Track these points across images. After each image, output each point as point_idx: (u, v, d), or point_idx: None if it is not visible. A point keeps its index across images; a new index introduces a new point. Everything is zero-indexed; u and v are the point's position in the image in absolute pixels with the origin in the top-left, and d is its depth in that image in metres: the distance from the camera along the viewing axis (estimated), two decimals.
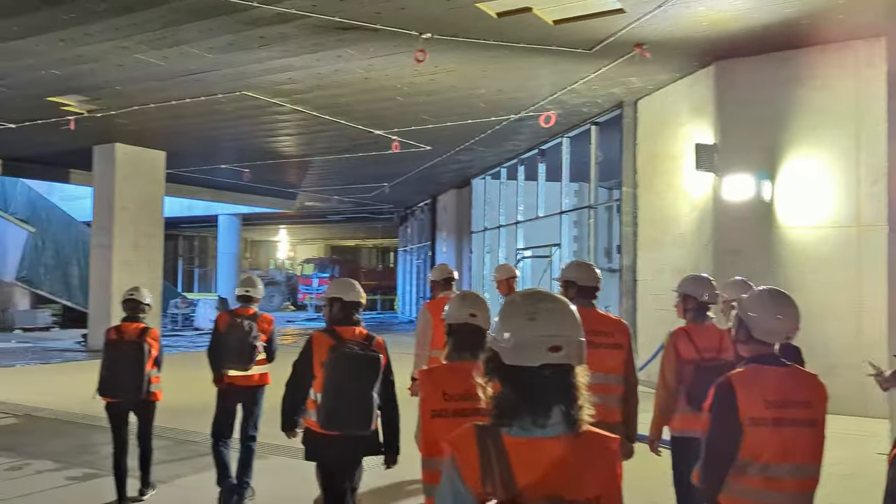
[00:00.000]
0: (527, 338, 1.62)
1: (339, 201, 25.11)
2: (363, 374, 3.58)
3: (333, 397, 3.52)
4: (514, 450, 1.56)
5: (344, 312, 3.78)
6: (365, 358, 3.60)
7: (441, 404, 2.61)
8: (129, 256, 15.79)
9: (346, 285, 3.91)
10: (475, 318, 2.80)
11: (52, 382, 10.95)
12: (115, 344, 5.10)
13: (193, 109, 12.35)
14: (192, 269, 40.77)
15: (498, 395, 1.64)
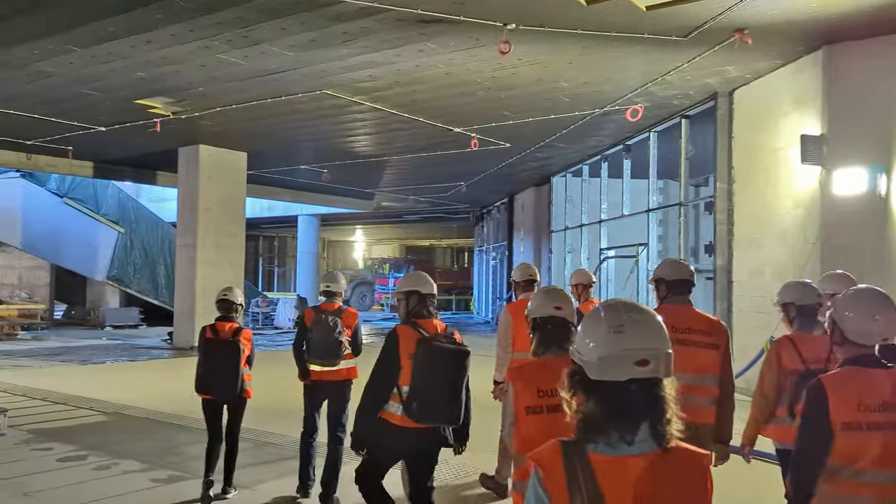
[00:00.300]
0: (613, 352, 1.58)
1: (414, 201, 25.04)
2: (455, 368, 3.56)
3: (426, 390, 3.49)
4: (601, 467, 1.53)
5: (421, 305, 3.77)
6: (456, 352, 3.58)
7: (535, 401, 2.59)
8: (212, 256, 16.08)
9: (420, 278, 3.89)
10: (560, 311, 2.77)
11: (140, 380, 11.17)
12: (210, 343, 5.24)
13: (274, 109, 12.40)
14: (271, 268, 41.66)
15: (583, 409, 1.61)
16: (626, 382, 1.56)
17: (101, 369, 12.38)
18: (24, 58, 9.64)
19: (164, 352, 15.24)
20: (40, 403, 8.63)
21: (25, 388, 9.57)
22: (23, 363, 12.85)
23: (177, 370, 12.03)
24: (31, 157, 17.10)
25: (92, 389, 9.70)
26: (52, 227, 21.11)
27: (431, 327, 3.70)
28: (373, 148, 15.93)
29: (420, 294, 3.78)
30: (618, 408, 1.56)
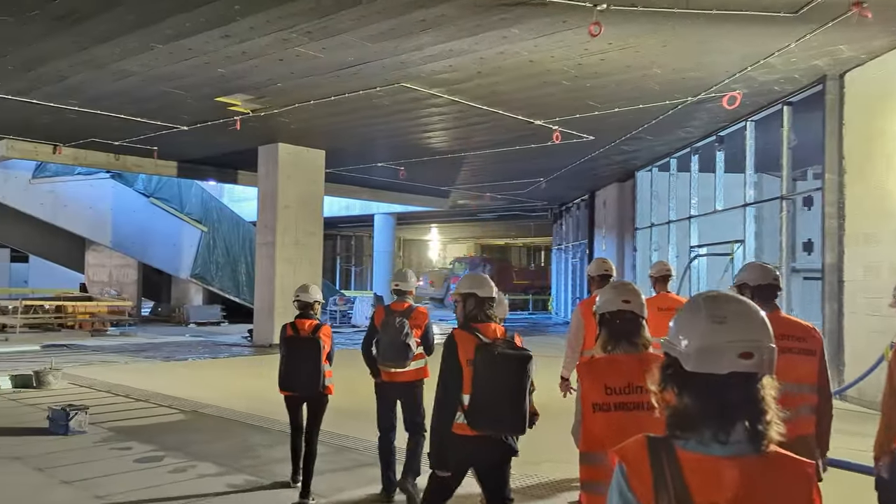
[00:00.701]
0: (714, 343, 1.49)
1: (491, 198, 24.58)
2: (517, 374, 3.40)
3: (487, 398, 3.34)
4: (690, 466, 1.45)
5: (479, 309, 3.60)
6: (518, 357, 3.42)
7: (602, 398, 2.53)
8: (291, 254, 16.09)
9: (479, 280, 3.72)
10: (629, 305, 2.70)
11: (219, 377, 11.16)
12: (291, 341, 5.22)
13: (351, 104, 12.20)
14: (348, 267, 42.04)
15: (675, 405, 1.51)
16: (725, 376, 1.46)
17: (182, 366, 12.48)
18: (106, 57, 9.72)
19: (245, 349, 15.33)
20: (123, 400, 8.65)
21: (110, 385, 9.66)
22: (110, 359, 13.11)
23: (256, 368, 12.00)
24: (120, 157, 17.57)
25: (173, 387, 9.70)
26: (139, 227, 21.75)
27: (490, 331, 3.54)
28: (450, 143, 15.58)
29: (478, 297, 3.61)
30: (713, 403, 1.46)
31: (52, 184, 20.55)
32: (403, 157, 17.36)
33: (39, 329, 18.30)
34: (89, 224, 21.24)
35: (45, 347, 14.55)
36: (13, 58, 9.83)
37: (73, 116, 13.34)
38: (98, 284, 24.51)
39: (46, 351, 14.08)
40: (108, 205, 21.45)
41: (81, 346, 14.93)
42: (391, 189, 23.23)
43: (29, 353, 13.60)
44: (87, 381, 9.97)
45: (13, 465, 5.74)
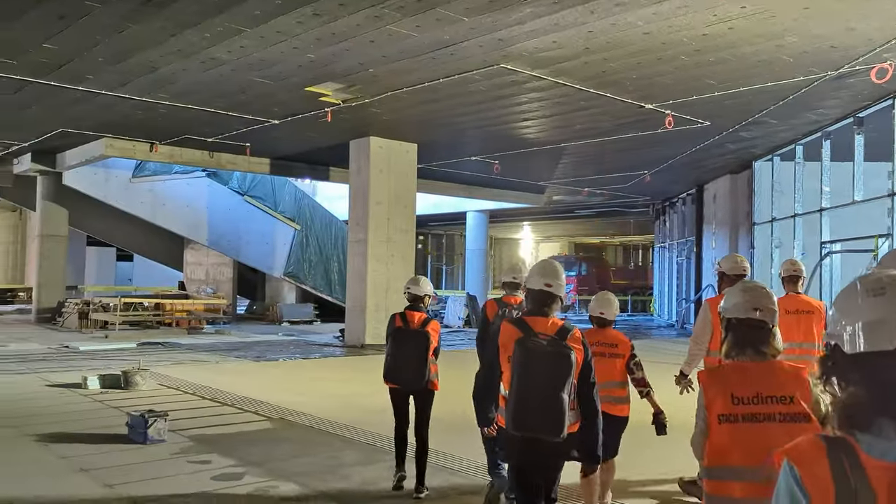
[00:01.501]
0: (876, 316, 1.36)
1: (589, 194, 23.36)
2: (550, 373, 3.18)
3: (518, 396, 3.20)
4: (876, 474, 1.27)
5: (541, 303, 3.38)
6: (553, 354, 3.21)
7: (729, 408, 2.41)
8: (382, 252, 15.53)
9: (549, 271, 3.47)
10: (759, 314, 2.56)
11: (309, 380, 10.62)
12: (400, 332, 5.13)
13: (445, 91, 11.45)
14: (439, 266, 41.51)
15: (843, 399, 1.37)
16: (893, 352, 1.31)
17: (272, 367, 12.06)
18: (195, 44, 9.34)
19: (336, 349, 14.87)
20: (208, 405, 8.19)
21: (197, 386, 9.26)
22: (202, 358, 12.88)
23: (347, 371, 11.42)
24: (214, 155, 17.53)
25: (261, 389, 9.21)
26: (233, 225, 21.83)
27: (541, 325, 3.31)
28: (549, 133, 14.59)
29: (532, 289, 3.42)
30: (887, 386, 1.30)
31: (151, 183, 20.87)
32: (498, 149, 16.50)
33: (139, 326, 18.53)
34: (186, 222, 21.47)
35: (140, 345, 14.54)
36: (103, 48, 9.60)
37: (164, 111, 13.21)
38: (195, 282, 24.89)
39: (141, 349, 14.05)
40: (203, 203, 21.62)
41: (176, 344, 14.86)
42: (484, 185, 22.42)
43: (125, 351, 13.57)
44: (175, 381, 9.63)
45: (79, 478, 5.25)
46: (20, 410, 7.55)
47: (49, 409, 7.65)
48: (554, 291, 3.37)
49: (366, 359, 13.13)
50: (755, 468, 2.30)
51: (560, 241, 45.75)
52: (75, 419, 7.18)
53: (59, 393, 8.55)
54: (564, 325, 3.33)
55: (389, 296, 15.41)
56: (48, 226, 20.62)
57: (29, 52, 9.81)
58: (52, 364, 11.46)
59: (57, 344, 14.31)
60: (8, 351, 13.10)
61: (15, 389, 8.78)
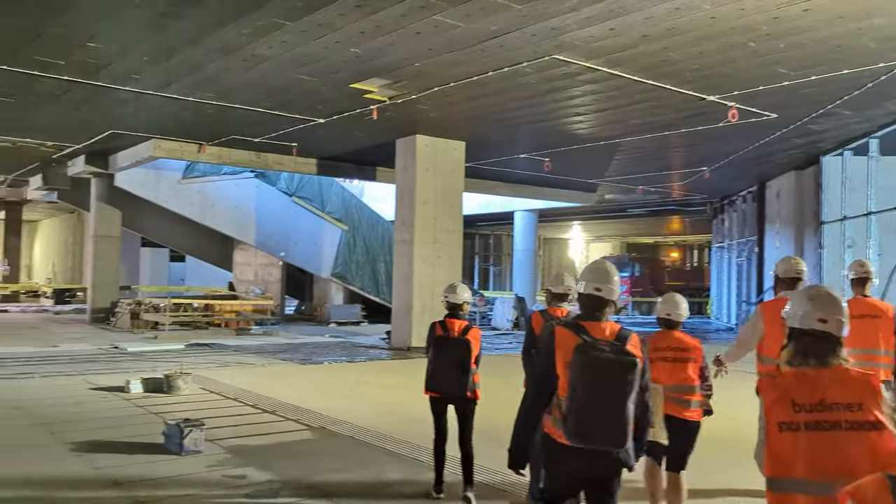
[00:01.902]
0: None
1: (643, 192, 22.57)
2: (617, 382, 3.00)
3: (581, 408, 2.98)
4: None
5: (587, 307, 3.20)
6: (618, 363, 3.01)
7: (790, 415, 2.30)
8: (429, 252, 15.16)
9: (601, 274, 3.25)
10: (825, 325, 2.42)
11: (354, 384, 10.30)
12: (441, 341, 5.07)
13: (494, 86, 11.01)
14: (487, 267, 40.99)
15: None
16: None
17: (317, 370, 11.79)
18: (236, 40, 9.10)
19: (382, 352, 14.56)
20: (249, 411, 7.91)
21: (239, 391, 9.02)
22: (248, 360, 12.71)
23: (393, 375, 11.06)
24: (261, 155, 17.45)
25: (304, 395, 8.93)
26: (281, 226, 21.78)
27: (598, 331, 3.11)
28: (602, 129, 13.99)
29: (594, 296, 3.18)
30: None
31: (200, 184, 20.96)
32: (549, 146, 15.96)
33: (189, 327, 18.57)
34: (234, 223, 21.51)
35: (188, 346, 14.48)
36: (145, 47, 9.45)
37: (211, 112, 13.09)
38: (244, 283, 24.97)
39: (189, 350, 13.97)
40: (252, 204, 21.63)
41: (223, 346, 14.76)
42: (533, 184, 21.87)
43: (173, 353, 13.50)
44: (218, 385, 9.41)
45: (111, 492, 4.97)
46: (61, 415, 7.40)
47: (89, 415, 7.48)
48: (605, 296, 3.15)
49: (411, 362, 12.77)
50: (822, 483, 2.19)
51: (611, 241, 44.76)
52: (114, 425, 6.98)
53: (101, 397, 8.41)
54: (622, 331, 3.14)
55: (436, 298, 15.00)
56: (101, 227, 20.89)
57: (74, 52, 9.74)
58: (99, 366, 11.41)
59: (107, 345, 14.36)
60: (58, 352, 13.16)
61: (59, 393, 8.68)
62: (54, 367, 11.22)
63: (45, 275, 39.97)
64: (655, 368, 4.36)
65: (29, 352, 12.99)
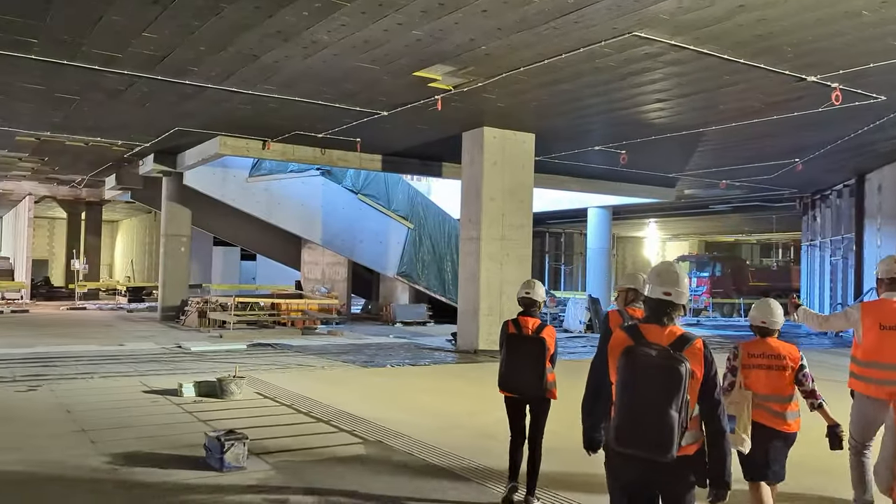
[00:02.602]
0: None
1: (727, 187, 21.17)
2: (658, 386, 2.84)
3: (621, 410, 2.91)
4: None
5: (653, 311, 3.04)
6: (662, 366, 2.85)
7: None
8: (496, 250, 14.42)
9: (668, 277, 3.07)
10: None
11: (416, 391, 9.66)
12: (514, 338, 4.95)
13: (568, 70, 10.19)
14: (557, 266, 39.86)
15: None
16: None
17: (379, 374, 11.22)
18: (293, 24, 8.59)
19: (448, 355, 13.90)
20: (302, 420, 7.37)
21: (295, 397, 8.51)
22: (309, 361, 12.28)
23: (457, 381, 10.37)
24: (325, 152, 17.10)
25: (363, 402, 8.35)
26: (347, 224, 21.44)
27: (655, 335, 2.98)
28: (686, 116, 12.92)
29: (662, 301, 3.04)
30: None
31: (266, 182, 20.80)
32: (625, 137, 14.98)
33: (255, 326, 18.41)
34: (300, 222, 21.26)
35: (251, 346, 14.19)
36: (201, 35, 9.05)
37: (273, 105, 12.72)
38: (311, 281, 24.81)
39: (251, 350, 13.67)
40: (318, 202, 21.35)
41: (286, 346, 14.42)
42: (608, 178, 20.83)
43: (235, 353, 13.22)
44: (273, 390, 8.94)
45: None
46: (107, 421, 7.03)
47: (136, 420, 7.09)
48: (674, 300, 3.03)
49: (478, 367, 12.07)
50: None
51: (689, 239, 42.95)
52: (158, 434, 6.54)
53: (152, 401, 8.03)
54: (684, 336, 2.98)
55: (504, 298, 14.27)
56: (171, 226, 21.03)
57: (131, 44, 9.45)
58: (160, 366, 11.16)
59: (172, 344, 14.22)
60: (122, 351, 13.05)
61: (111, 396, 8.36)
62: (116, 366, 11.03)
63: (125, 273, 41.18)
64: (749, 376, 4.32)
65: (94, 350, 12.93)
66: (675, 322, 3.04)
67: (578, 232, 37.62)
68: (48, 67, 10.47)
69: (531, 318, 5.00)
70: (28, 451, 5.87)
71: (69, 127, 15.12)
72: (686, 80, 10.64)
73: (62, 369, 10.53)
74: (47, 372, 10.21)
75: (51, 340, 14.35)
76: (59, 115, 13.90)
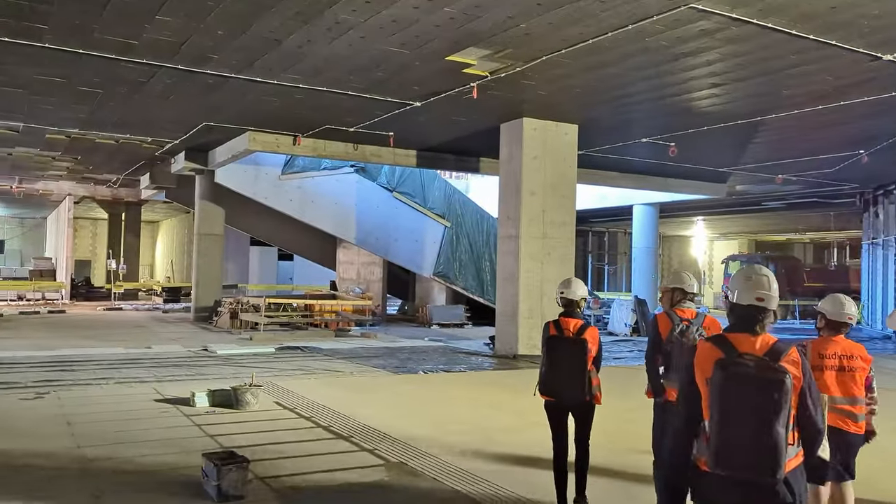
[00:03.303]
0: None
1: (784, 181, 19.92)
2: (760, 401, 2.63)
3: (721, 430, 2.67)
4: None
5: (743, 319, 2.81)
6: (763, 380, 2.65)
7: None
8: (537, 249, 13.57)
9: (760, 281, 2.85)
10: None
11: (448, 402, 8.88)
12: (554, 341, 4.79)
13: (614, 52, 9.33)
14: (601, 266, 38.67)
15: None
16: None
17: (409, 382, 10.48)
18: (316, 2, 7.91)
19: (485, 360, 13.11)
20: (320, 435, 6.67)
21: (317, 408, 7.83)
22: (337, 367, 11.63)
23: (494, 390, 9.56)
24: (358, 147, 16.47)
25: (389, 414, 7.65)
26: (382, 223, 20.81)
27: (747, 345, 2.74)
28: (742, 103, 11.91)
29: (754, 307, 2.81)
30: None
31: (300, 179, 20.28)
32: (675, 128, 14.00)
33: (288, 327, 17.88)
34: (334, 220, 20.69)
35: (279, 350, 13.62)
36: (218, 17, 8.44)
37: (300, 97, 12.11)
38: (347, 282, 24.26)
39: (278, 354, 13.09)
40: (352, 200, 20.75)
41: (316, 349, 13.80)
42: (655, 174, 19.80)
43: (262, 356, 12.65)
44: (293, 399, 8.27)
45: None
46: (109, 435, 6.43)
47: (140, 434, 6.48)
48: (766, 306, 2.83)
49: (517, 374, 11.26)
50: None
51: (738, 238, 41.33)
52: (160, 452, 5.90)
53: (161, 411, 7.43)
54: (777, 345, 2.77)
55: (545, 300, 13.43)
56: (204, 225, 20.68)
57: (145, 29, 8.89)
58: (181, 371, 10.63)
59: (199, 346, 13.73)
60: (146, 354, 12.59)
61: (120, 405, 7.79)
62: (135, 371, 10.53)
63: (165, 273, 41.37)
64: (820, 378, 4.05)
65: (119, 353, 12.49)
66: (766, 330, 2.81)
67: (623, 231, 36.43)
68: (63, 57, 10.00)
69: (573, 318, 4.82)
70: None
71: (96, 122, 14.76)
72: (745, 61, 9.66)
73: (79, 374, 10.07)
74: (63, 377, 9.73)
75: (78, 342, 14.00)
76: (84, 109, 13.52)
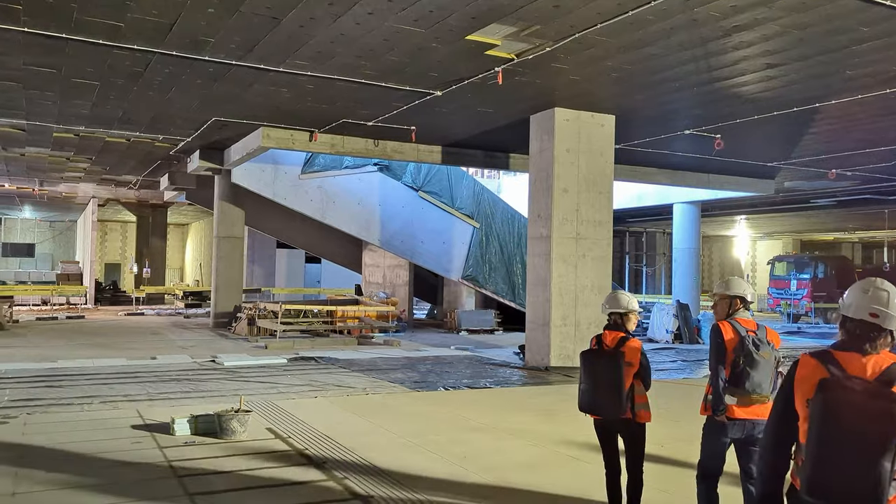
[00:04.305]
0: None
1: (837, 176, 18.42)
2: (866, 430, 2.30)
3: (818, 456, 2.36)
4: None
5: (854, 336, 2.52)
6: (872, 408, 2.32)
7: None
8: (570, 250, 12.42)
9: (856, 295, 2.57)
10: None
11: (468, 428, 7.75)
12: (590, 354, 4.56)
13: (655, 28, 8.18)
14: (639, 268, 37.17)
15: None
16: None
17: (427, 400, 9.38)
18: None
19: (514, 372, 11.99)
20: (308, 478, 5.61)
21: (315, 437, 6.80)
22: (350, 381, 10.64)
23: (525, 413, 8.39)
24: (378, 143, 15.52)
25: (398, 445, 6.63)
26: (408, 223, 19.82)
27: (856, 365, 2.45)
28: (799, 87, 10.61)
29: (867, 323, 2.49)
30: None
31: (320, 179, 19.38)
32: (720, 118, 12.74)
33: (309, 334, 16.97)
34: (357, 221, 19.74)
35: (291, 361, 12.69)
36: None
37: (310, 87, 11.16)
38: (372, 286, 23.32)
39: (289, 366, 12.15)
40: (375, 200, 19.79)
41: (330, 360, 12.85)
42: (697, 169, 18.50)
43: (271, 369, 11.73)
44: (290, 425, 7.26)
45: None
46: (55, 478, 5.39)
47: (97, 472, 5.52)
48: (881, 323, 2.45)
49: (548, 391, 10.12)
50: None
51: (783, 238, 39.50)
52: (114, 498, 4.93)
53: (134, 442, 6.46)
54: (892, 368, 2.40)
55: (580, 306, 12.29)
56: (223, 227, 19.94)
57: (129, 7, 7.99)
58: (177, 387, 9.74)
59: (208, 356, 12.88)
60: (148, 366, 11.74)
61: (93, 434, 6.82)
62: (129, 386, 9.67)
63: (194, 277, 41.00)
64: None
65: (118, 366, 11.67)
66: (878, 350, 2.49)
67: (662, 231, 34.94)
68: (47, 43, 9.17)
69: (614, 331, 4.59)
70: None
71: (100, 119, 14.00)
72: (807, 36, 8.41)
73: (66, 391, 9.22)
74: (46, 395, 8.89)
75: (82, 352, 13.25)
76: (84, 104, 12.74)
